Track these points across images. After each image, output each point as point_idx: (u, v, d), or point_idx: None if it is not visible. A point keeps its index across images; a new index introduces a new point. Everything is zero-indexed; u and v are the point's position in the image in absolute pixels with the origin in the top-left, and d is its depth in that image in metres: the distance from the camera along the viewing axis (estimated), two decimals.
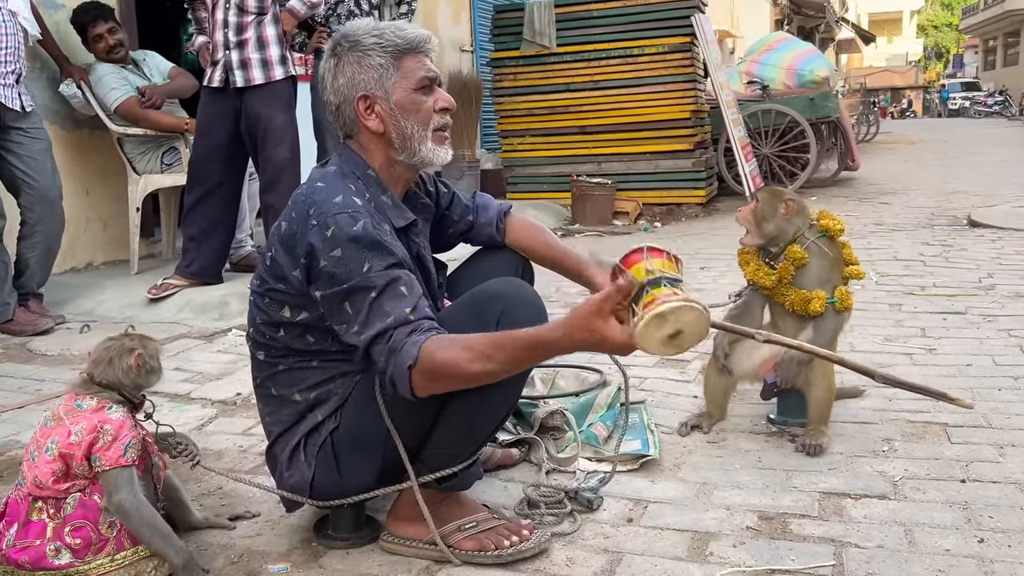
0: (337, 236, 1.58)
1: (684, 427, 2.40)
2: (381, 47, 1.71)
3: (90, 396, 1.70)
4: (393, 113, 1.72)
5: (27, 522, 1.64)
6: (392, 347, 1.53)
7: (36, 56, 4.33)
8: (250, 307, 1.78)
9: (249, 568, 1.75)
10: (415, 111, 1.72)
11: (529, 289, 1.75)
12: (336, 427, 1.71)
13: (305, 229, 1.61)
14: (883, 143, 16.16)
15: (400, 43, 1.71)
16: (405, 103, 1.72)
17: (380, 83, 1.71)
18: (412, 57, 1.72)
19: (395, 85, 1.71)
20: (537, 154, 7.84)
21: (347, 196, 1.64)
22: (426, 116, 1.74)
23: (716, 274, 4.67)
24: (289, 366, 1.73)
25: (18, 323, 3.67)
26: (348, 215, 1.59)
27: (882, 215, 6.69)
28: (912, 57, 51.28)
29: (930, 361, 2.94)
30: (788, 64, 8.90)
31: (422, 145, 1.74)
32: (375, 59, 1.71)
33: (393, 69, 1.71)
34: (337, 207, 1.60)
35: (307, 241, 1.60)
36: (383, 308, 1.56)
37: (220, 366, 3.18)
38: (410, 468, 1.69)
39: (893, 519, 1.84)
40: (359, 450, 1.70)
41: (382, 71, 1.71)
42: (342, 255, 1.57)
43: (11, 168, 3.69)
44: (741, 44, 19.04)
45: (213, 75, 3.94)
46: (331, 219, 1.59)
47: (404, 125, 1.72)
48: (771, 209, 2.29)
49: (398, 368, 1.53)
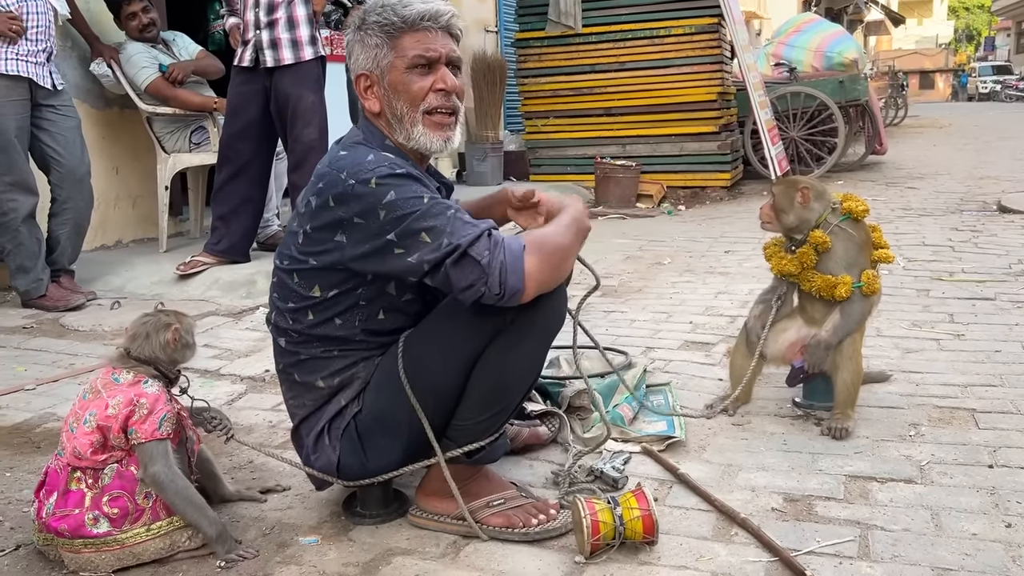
0: (383, 184, 1.55)
1: (709, 409, 2.41)
2: (379, 25, 1.67)
3: (127, 370, 1.74)
4: (387, 93, 1.69)
5: (66, 491, 1.68)
6: (496, 240, 1.54)
7: (67, 35, 4.37)
8: (273, 290, 1.77)
9: (281, 540, 1.78)
10: (405, 91, 1.67)
11: None
12: (359, 410, 1.73)
13: (342, 190, 1.58)
14: (912, 127, 15.96)
15: (396, 21, 1.66)
16: (396, 83, 1.68)
17: (376, 62, 1.68)
18: (411, 35, 1.66)
19: (390, 64, 1.67)
20: (561, 136, 7.81)
21: (377, 155, 1.62)
22: (415, 97, 1.67)
23: (741, 258, 4.65)
24: (311, 355, 1.73)
25: (51, 299, 3.73)
26: (385, 166, 1.58)
27: (910, 200, 6.62)
28: (942, 39, 50.43)
29: (958, 347, 2.92)
30: (816, 46, 8.81)
31: (413, 128, 1.69)
32: (373, 38, 1.68)
33: (388, 48, 1.67)
34: (372, 163, 1.59)
35: (350, 199, 1.57)
36: (464, 218, 1.56)
37: (248, 343, 3.22)
38: (436, 444, 1.71)
39: (919, 503, 1.85)
40: (383, 431, 1.72)
41: (377, 50, 1.68)
42: (396, 196, 1.55)
43: (42, 146, 3.74)
44: (768, 25, 18.83)
45: (244, 55, 3.97)
46: (369, 173, 1.57)
47: (396, 106, 1.69)
48: (788, 200, 2.27)
49: (511, 253, 1.53)
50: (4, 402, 2.65)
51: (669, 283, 4.16)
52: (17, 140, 3.60)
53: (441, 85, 1.69)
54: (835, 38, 8.92)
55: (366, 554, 1.72)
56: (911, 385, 2.56)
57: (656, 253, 4.98)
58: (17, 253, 3.69)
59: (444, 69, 1.70)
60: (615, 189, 6.95)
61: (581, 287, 2.02)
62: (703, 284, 4.10)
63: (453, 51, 1.71)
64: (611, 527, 1.64)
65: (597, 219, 6.51)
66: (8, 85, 3.55)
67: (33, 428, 2.46)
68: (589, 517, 1.64)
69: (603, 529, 1.64)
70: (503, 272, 1.52)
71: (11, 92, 3.56)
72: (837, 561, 1.63)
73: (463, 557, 1.70)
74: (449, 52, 1.70)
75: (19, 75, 3.57)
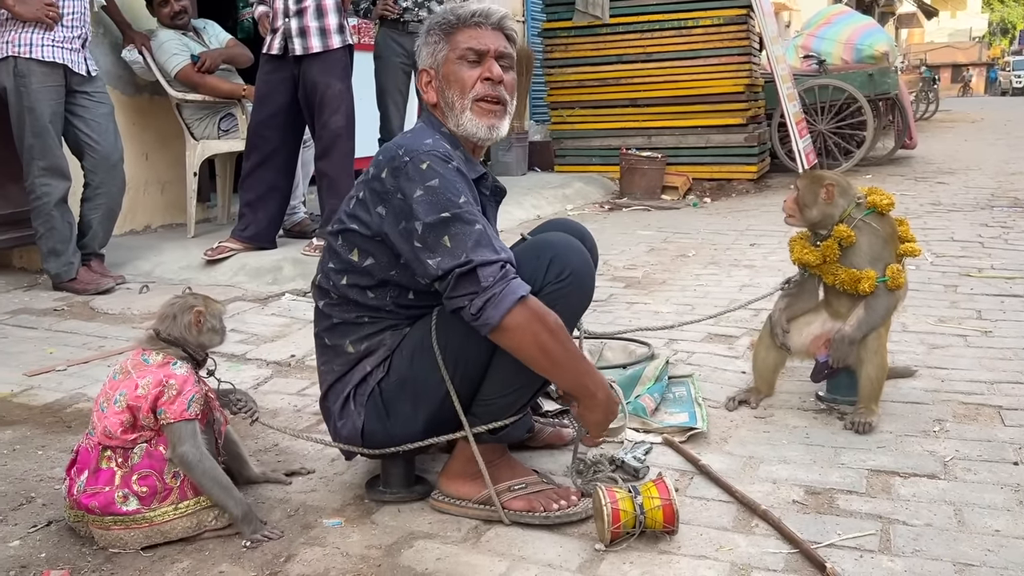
0: (433, 168, 1.65)
1: (732, 402, 2.41)
2: (439, 24, 1.82)
3: (156, 351, 1.77)
4: (441, 84, 1.81)
5: (97, 469, 1.71)
6: (506, 275, 1.60)
7: (99, 22, 4.43)
8: (325, 253, 1.85)
9: (305, 521, 1.81)
10: (456, 80, 1.79)
11: (579, 245, 1.79)
12: (384, 375, 1.77)
13: (396, 164, 1.68)
14: (942, 121, 15.74)
15: (452, 19, 1.80)
16: (448, 73, 1.80)
17: (434, 56, 1.82)
18: (464, 31, 1.79)
19: (444, 57, 1.80)
20: (586, 126, 7.79)
21: (436, 140, 1.73)
22: (464, 85, 1.79)
23: (767, 251, 4.63)
24: (343, 319, 1.80)
25: (81, 282, 3.79)
26: (440, 154, 1.69)
27: (939, 195, 6.54)
28: (976, 33, 49.61)
29: (985, 343, 2.89)
30: (846, 38, 8.70)
31: (463, 115, 1.79)
32: (433, 36, 1.82)
33: (444, 43, 1.80)
34: (428, 146, 1.69)
35: (400, 174, 1.66)
36: (490, 241, 1.62)
37: (274, 328, 3.26)
38: (464, 417, 1.74)
39: (942, 498, 1.84)
40: (407, 397, 1.76)
41: (435, 46, 1.82)
42: (439, 184, 1.63)
43: (76, 131, 3.79)
44: (797, 17, 18.62)
45: (273, 42, 4.00)
46: (424, 155, 1.67)
47: (448, 95, 1.80)
48: (812, 195, 2.26)
49: (507, 294, 1.58)
50: (36, 382, 2.71)
51: (693, 275, 4.15)
52: (52, 125, 3.65)
53: (488, 74, 1.79)
54: (865, 30, 8.80)
55: (389, 537, 1.74)
56: (936, 381, 2.54)
57: (681, 245, 4.96)
58: (49, 236, 3.75)
59: (492, 61, 1.80)
60: (640, 180, 6.93)
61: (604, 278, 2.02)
62: (728, 277, 4.09)
63: (503, 47, 1.83)
64: (631, 516, 1.65)
65: (622, 210, 6.50)
66: (44, 71, 3.60)
67: (64, 408, 2.51)
68: (610, 505, 1.65)
69: (623, 517, 1.65)
70: (488, 304, 1.58)
71: (47, 78, 3.62)
72: (858, 554, 1.63)
73: (484, 542, 1.72)
74: (499, 48, 1.81)
75: (55, 61, 3.62)
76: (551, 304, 1.66)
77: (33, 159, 3.66)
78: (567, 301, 1.72)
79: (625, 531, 1.66)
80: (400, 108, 5.14)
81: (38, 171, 3.67)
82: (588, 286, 1.77)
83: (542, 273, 1.70)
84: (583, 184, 7.24)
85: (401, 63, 5.06)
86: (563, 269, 1.70)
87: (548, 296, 1.68)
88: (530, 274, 1.68)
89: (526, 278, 1.65)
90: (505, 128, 1.84)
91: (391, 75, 5.06)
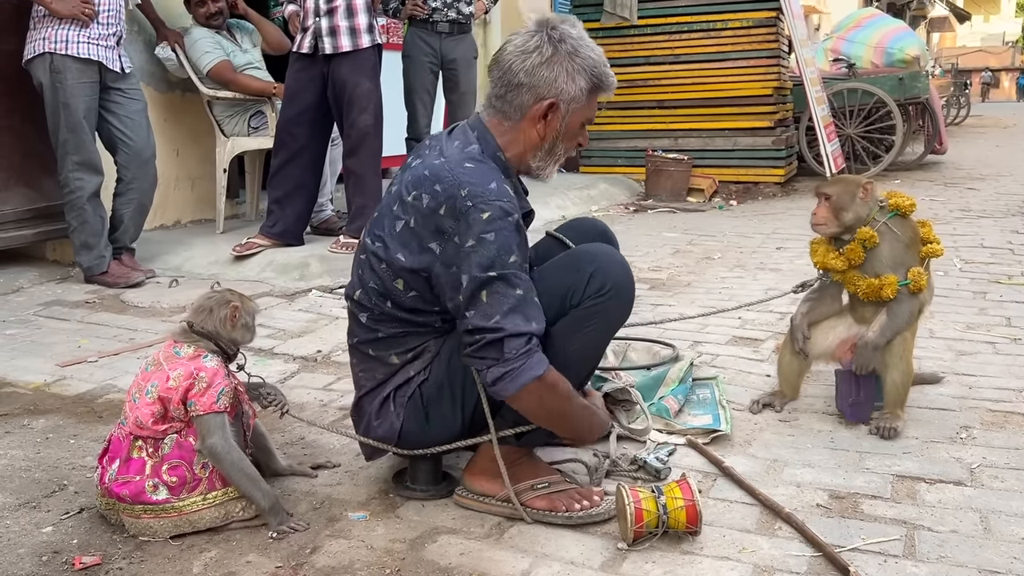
0: (492, 221, 1.60)
1: (756, 405, 2.40)
2: (591, 73, 1.73)
3: (188, 344, 1.80)
4: (560, 131, 1.76)
5: (128, 459, 1.75)
6: (530, 351, 1.61)
7: (133, 19, 4.49)
8: (361, 268, 1.80)
9: (330, 514, 1.84)
10: (571, 139, 1.79)
11: (622, 258, 1.81)
12: (426, 379, 1.78)
13: (458, 206, 1.62)
14: (973, 126, 15.54)
15: (601, 81, 1.75)
16: (572, 128, 1.77)
17: (570, 102, 1.73)
18: (599, 95, 1.78)
19: (577, 110, 1.75)
20: (612, 127, 7.77)
21: (500, 185, 1.66)
22: (572, 141, 1.80)
23: (793, 255, 4.60)
24: (388, 334, 1.79)
25: (112, 275, 3.85)
26: (503, 204, 1.62)
27: (969, 201, 6.46)
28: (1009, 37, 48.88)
29: (1014, 351, 2.86)
30: (877, 42, 8.62)
31: (554, 165, 1.81)
32: (582, 80, 1.72)
33: (585, 97, 1.74)
34: (494, 193, 1.63)
35: (461, 219, 1.61)
36: (525, 312, 1.61)
37: (301, 324, 3.29)
38: (490, 420, 1.75)
39: (968, 505, 1.83)
40: (447, 400, 1.77)
41: (578, 93, 1.73)
42: (495, 240, 1.59)
43: (109, 127, 3.85)
44: (827, 20, 18.48)
45: (303, 41, 4.04)
46: (487, 204, 1.61)
47: (558, 145, 1.78)
48: (848, 197, 2.23)
49: (525, 371, 1.60)
50: (68, 373, 2.76)
51: (719, 278, 4.14)
52: (86, 121, 3.71)
53: (582, 140, 1.83)
54: (896, 34, 8.72)
55: (413, 531, 1.76)
56: (964, 388, 2.52)
57: (706, 248, 4.94)
58: (81, 230, 3.81)
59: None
60: (666, 182, 6.91)
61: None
62: (753, 280, 4.07)
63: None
64: (655, 516, 1.66)
65: (647, 212, 6.49)
66: (79, 68, 3.66)
67: (96, 399, 2.56)
68: (633, 505, 1.66)
69: (646, 517, 1.66)
70: (506, 376, 1.60)
71: (82, 75, 3.68)
72: (882, 559, 1.63)
73: (507, 539, 1.73)
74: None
75: (90, 58, 3.68)
76: (591, 317, 1.69)
77: (67, 154, 3.72)
78: (607, 316, 1.73)
79: (648, 531, 1.67)
80: (428, 108, 5.16)
81: (72, 165, 3.73)
82: (628, 300, 1.77)
83: (583, 286, 1.70)
84: (608, 185, 7.24)
85: (429, 63, 5.08)
86: (604, 283, 1.70)
87: (588, 309, 1.69)
88: (570, 286, 1.69)
89: (566, 290, 1.68)
90: None
91: (419, 75, 5.09)
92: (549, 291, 1.69)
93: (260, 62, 4.75)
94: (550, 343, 1.68)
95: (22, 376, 2.73)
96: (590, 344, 1.76)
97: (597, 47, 1.77)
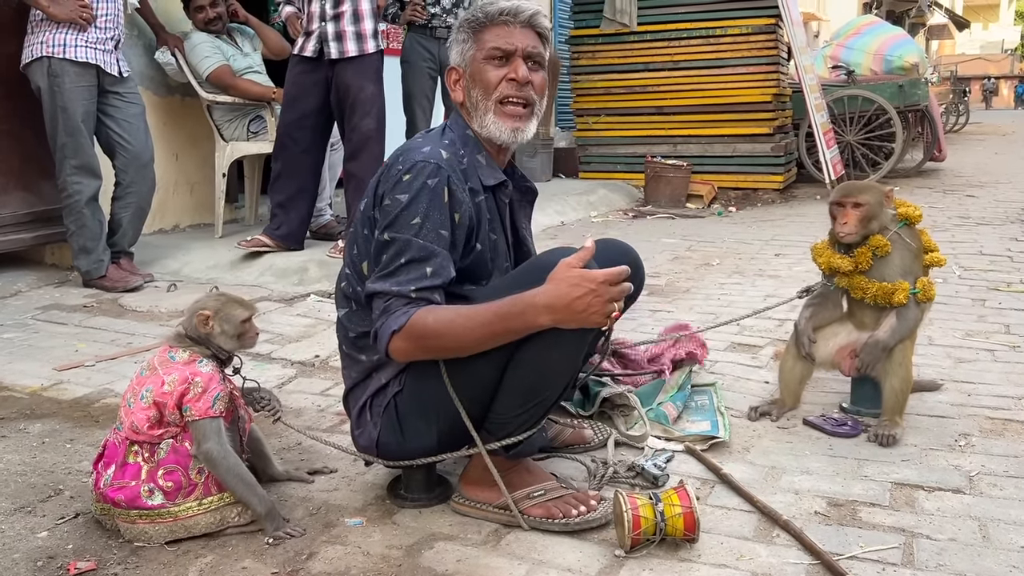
0: (411, 182, 1.65)
1: (754, 412, 2.40)
2: (468, 22, 1.79)
3: (183, 349, 1.79)
4: (468, 83, 1.79)
5: (124, 464, 1.74)
6: (387, 308, 1.64)
7: (133, 24, 4.49)
8: (344, 257, 1.84)
9: (327, 520, 1.83)
10: (481, 80, 1.77)
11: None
12: (400, 390, 1.77)
13: (390, 170, 1.70)
14: (972, 133, 15.56)
15: (481, 17, 1.77)
16: (475, 73, 1.78)
17: (462, 55, 1.79)
18: (492, 29, 1.76)
19: (472, 56, 1.78)
20: (612, 134, 7.79)
21: (435, 148, 1.70)
22: (488, 85, 1.76)
23: (791, 261, 4.60)
24: (357, 333, 1.80)
25: (110, 279, 3.84)
26: (429, 165, 1.67)
27: (968, 208, 6.47)
28: (1008, 45, 48.97)
29: (1013, 358, 2.86)
30: (876, 49, 8.64)
31: (486, 116, 1.77)
32: (462, 33, 1.80)
33: (472, 42, 1.78)
34: (423, 155, 1.68)
35: (388, 180, 1.68)
36: (399, 275, 1.64)
37: (299, 329, 3.29)
38: (475, 434, 1.74)
39: (967, 513, 1.82)
40: (421, 414, 1.76)
41: (463, 44, 1.79)
42: (405, 200, 1.65)
43: (108, 131, 3.85)
44: (826, 27, 18.53)
45: (306, 45, 4.05)
46: (413, 165, 1.67)
47: (473, 95, 1.78)
48: (879, 205, 2.22)
49: (383, 329, 1.64)
50: (65, 377, 2.75)
51: (717, 284, 4.13)
52: (84, 125, 3.71)
53: (513, 75, 1.76)
54: (895, 41, 8.73)
55: (409, 538, 1.75)
56: (963, 395, 2.52)
57: (705, 254, 4.94)
58: (80, 234, 3.81)
59: (519, 61, 1.76)
60: (665, 188, 6.91)
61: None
62: (752, 286, 4.07)
63: (533, 47, 1.78)
64: (652, 523, 1.65)
65: (646, 218, 6.48)
66: (77, 71, 3.66)
67: (92, 403, 2.55)
68: (630, 511, 1.65)
69: (644, 524, 1.65)
70: (376, 335, 1.66)
71: (80, 78, 3.68)
72: (880, 567, 1.62)
73: (504, 545, 1.73)
74: (527, 47, 1.77)
75: (88, 62, 3.68)
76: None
77: (65, 157, 3.72)
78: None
79: (645, 538, 1.66)
80: (427, 113, 5.17)
81: (70, 169, 3.73)
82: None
83: None
84: (607, 191, 7.24)
85: (428, 68, 5.09)
86: None
87: None
88: None
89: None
90: (531, 130, 1.81)
91: (418, 80, 5.09)
92: None
93: (260, 66, 4.75)
94: (528, 355, 1.65)
95: (19, 380, 2.72)
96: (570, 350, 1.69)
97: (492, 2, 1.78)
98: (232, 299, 1.86)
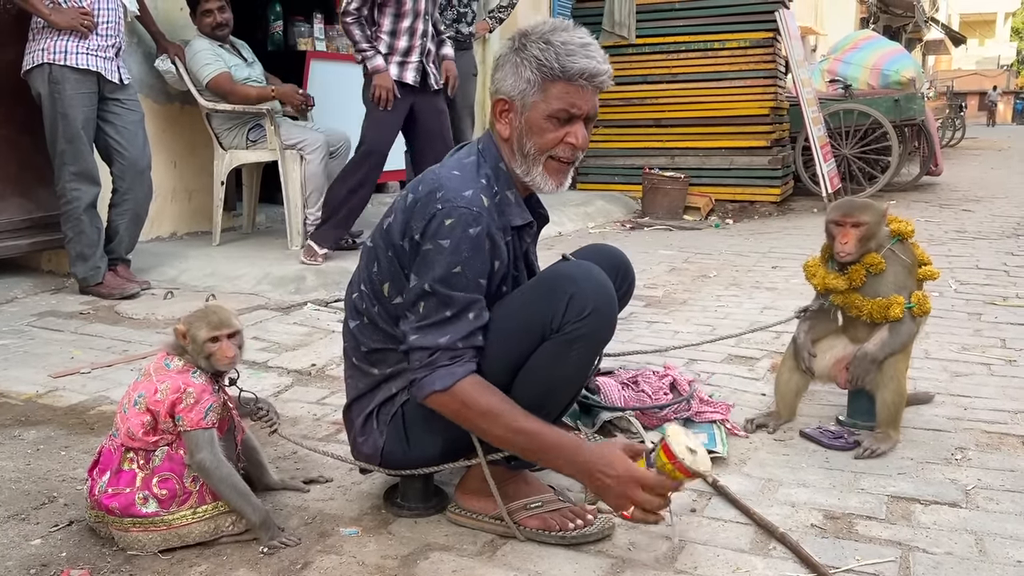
0: (453, 228, 1.61)
1: (750, 424, 2.40)
2: (539, 64, 1.66)
3: (178, 357, 1.79)
4: (521, 127, 1.71)
5: (119, 471, 1.73)
6: (432, 363, 1.63)
7: (133, 31, 4.49)
8: (360, 268, 1.82)
9: (322, 529, 1.82)
10: (539, 135, 1.70)
11: (601, 275, 1.72)
12: (408, 400, 1.76)
13: (427, 206, 1.64)
14: (969, 148, 15.63)
15: (556, 68, 1.65)
16: (533, 123, 1.70)
17: (522, 94, 1.69)
18: (564, 85, 1.66)
19: (533, 103, 1.69)
20: (610, 145, 7.81)
21: (476, 193, 1.65)
22: (546, 144, 1.70)
23: (788, 274, 4.61)
24: (370, 348, 1.79)
25: (107, 286, 3.84)
26: (472, 213, 1.62)
27: (964, 223, 6.49)
28: (1004, 61, 49.23)
29: (1009, 372, 2.86)
30: (873, 63, 8.68)
31: (534, 168, 1.72)
32: (527, 72, 1.67)
33: (538, 88, 1.67)
34: (465, 200, 1.63)
35: (425, 218, 1.63)
36: (444, 328, 1.63)
37: (296, 337, 3.28)
38: (479, 445, 1.73)
39: (964, 527, 1.82)
40: (428, 425, 1.75)
41: (527, 85, 1.68)
42: (447, 247, 1.61)
43: (106, 137, 3.85)
44: (824, 41, 18.60)
45: (405, 73, 4.29)
46: (454, 210, 1.61)
47: (525, 143, 1.72)
48: (878, 224, 2.23)
49: (425, 384, 1.64)
50: (61, 384, 2.74)
51: (714, 296, 4.14)
52: (84, 131, 3.71)
53: (572, 140, 1.71)
54: (892, 56, 8.78)
55: (405, 548, 1.75)
56: (959, 409, 2.52)
57: (702, 266, 4.95)
58: (78, 241, 3.80)
59: (580, 124, 1.71)
60: (662, 200, 6.93)
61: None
62: (749, 299, 4.07)
63: (595, 108, 1.72)
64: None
65: (643, 230, 6.50)
66: (78, 78, 3.67)
67: (88, 410, 2.54)
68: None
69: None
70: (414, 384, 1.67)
71: (80, 85, 3.68)
72: None
73: (500, 556, 1.72)
74: (591, 109, 1.71)
75: (89, 69, 3.68)
76: (574, 341, 1.65)
77: (64, 164, 3.72)
78: (591, 338, 1.68)
79: None
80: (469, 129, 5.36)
81: (69, 176, 3.73)
82: (611, 319, 1.71)
83: (562, 310, 1.64)
84: (605, 202, 7.26)
85: None
86: (584, 306, 1.64)
87: (570, 334, 1.65)
88: (549, 311, 1.64)
89: (544, 315, 1.65)
90: (568, 182, 1.78)
91: None
92: (527, 315, 1.67)
93: (261, 77, 4.75)
94: (535, 368, 1.67)
95: (14, 386, 2.71)
96: (577, 367, 1.70)
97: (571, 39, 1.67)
98: (204, 316, 1.79)
